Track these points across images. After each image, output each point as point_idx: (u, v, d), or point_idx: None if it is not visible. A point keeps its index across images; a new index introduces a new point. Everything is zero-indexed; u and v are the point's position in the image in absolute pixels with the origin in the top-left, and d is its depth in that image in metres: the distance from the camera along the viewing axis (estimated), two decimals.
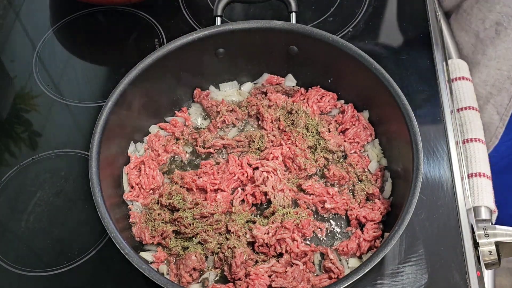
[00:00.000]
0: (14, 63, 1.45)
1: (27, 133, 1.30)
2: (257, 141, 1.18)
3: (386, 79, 1.11)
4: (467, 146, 1.30)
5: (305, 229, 1.07)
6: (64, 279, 1.08)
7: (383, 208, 1.10)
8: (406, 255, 1.06)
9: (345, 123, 1.22)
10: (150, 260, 1.07)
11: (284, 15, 1.26)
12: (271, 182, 1.11)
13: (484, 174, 1.26)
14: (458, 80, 1.42)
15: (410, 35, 1.40)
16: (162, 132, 1.24)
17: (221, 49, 1.24)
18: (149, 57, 1.16)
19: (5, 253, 1.12)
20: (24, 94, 1.37)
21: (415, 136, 1.03)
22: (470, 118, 1.35)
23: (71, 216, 1.16)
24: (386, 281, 1.04)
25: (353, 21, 1.44)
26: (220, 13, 1.24)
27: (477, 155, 1.29)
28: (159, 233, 1.08)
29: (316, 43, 1.19)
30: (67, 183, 1.21)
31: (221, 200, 1.10)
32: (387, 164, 1.17)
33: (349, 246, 1.06)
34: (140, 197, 1.14)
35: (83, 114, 1.32)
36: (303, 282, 1.01)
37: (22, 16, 1.54)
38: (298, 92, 1.28)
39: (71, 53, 1.46)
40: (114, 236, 0.96)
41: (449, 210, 1.11)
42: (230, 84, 1.31)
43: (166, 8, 1.51)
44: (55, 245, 1.12)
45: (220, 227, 1.08)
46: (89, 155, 1.04)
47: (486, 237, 1.10)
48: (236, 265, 1.01)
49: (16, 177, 1.22)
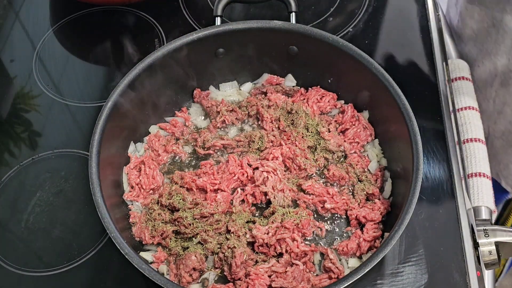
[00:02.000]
0: (14, 63, 1.44)
1: (27, 133, 1.30)
2: (257, 141, 1.18)
3: (386, 79, 1.11)
4: (467, 146, 1.30)
5: (305, 229, 1.07)
6: (64, 279, 1.08)
7: (383, 208, 1.10)
8: (406, 255, 1.06)
9: (345, 123, 1.22)
10: (150, 260, 1.07)
11: (284, 15, 1.26)
12: (271, 182, 1.11)
13: (484, 174, 1.26)
14: (458, 80, 1.42)
15: (410, 35, 1.40)
16: (162, 132, 1.24)
17: (221, 49, 1.24)
18: (149, 57, 1.16)
19: (5, 253, 1.12)
20: (24, 94, 1.37)
21: (415, 136, 1.03)
22: (470, 118, 1.35)
23: (71, 216, 1.16)
24: (386, 281, 1.04)
25: (353, 21, 1.44)
26: (220, 13, 1.24)
27: (477, 155, 1.29)
28: (159, 233, 1.08)
29: (316, 43, 1.19)
30: (67, 183, 1.20)
31: (221, 200, 1.10)
32: (387, 164, 1.17)
33: (349, 246, 1.06)
34: (140, 197, 1.14)
35: (83, 114, 1.32)
36: (303, 282, 1.01)
37: (22, 16, 1.54)
38: (298, 92, 1.28)
39: (71, 53, 1.46)
40: (114, 236, 0.96)
41: (449, 210, 1.11)
42: (230, 84, 1.31)
43: (166, 8, 1.51)
44: (55, 245, 1.12)
45: (220, 227, 1.08)
46: (89, 155, 1.04)
47: (486, 237, 1.10)
48: (236, 265, 1.01)
49: (16, 177, 1.22)
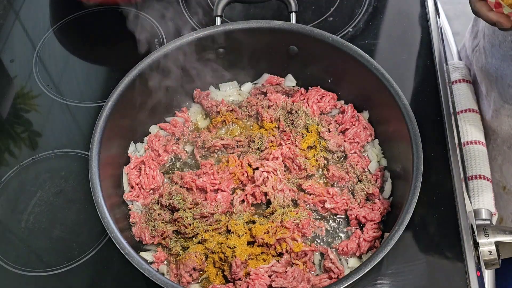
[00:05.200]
0: (14, 63, 1.44)
1: (27, 133, 1.30)
2: (257, 141, 1.18)
3: (386, 79, 1.11)
4: (467, 148, 1.30)
5: (305, 228, 1.07)
6: (64, 279, 1.08)
7: (383, 208, 1.10)
8: (406, 255, 1.06)
9: (345, 123, 1.22)
10: (150, 260, 1.06)
11: (284, 15, 1.26)
12: (271, 183, 1.11)
13: (484, 177, 1.26)
14: (458, 82, 1.42)
15: (410, 35, 1.40)
16: (162, 132, 1.24)
17: (221, 49, 1.24)
18: (149, 57, 1.16)
19: (5, 253, 1.12)
20: (24, 94, 1.37)
21: (415, 136, 1.03)
22: (470, 120, 1.35)
23: (71, 216, 1.16)
24: (386, 281, 1.04)
25: (353, 21, 1.44)
26: (220, 13, 1.24)
27: (477, 157, 1.29)
28: (159, 233, 1.08)
29: (316, 43, 1.19)
30: (67, 183, 1.20)
31: (221, 200, 1.10)
32: (387, 164, 1.17)
33: (349, 246, 1.06)
34: (140, 197, 1.14)
35: (83, 114, 1.32)
36: (303, 282, 1.01)
37: (22, 16, 1.54)
38: (298, 92, 1.28)
39: (71, 53, 1.46)
40: (114, 236, 0.96)
41: (449, 210, 1.11)
42: (230, 84, 1.31)
43: (166, 8, 1.51)
44: (55, 245, 1.12)
45: (220, 227, 1.08)
46: (89, 155, 1.04)
47: (486, 237, 1.10)
48: (236, 265, 1.01)
49: (16, 177, 1.22)
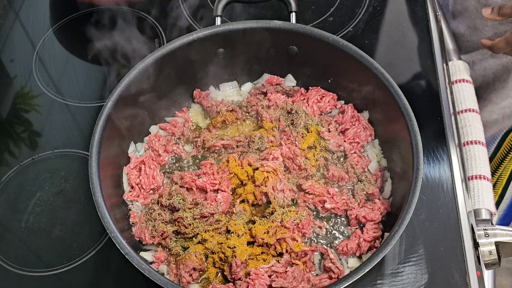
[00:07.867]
0: (14, 63, 1.45)
1: (27, 133, 1.30)
2: (257, 141, 1.18)
3: (386, 79, 1.11)
4: (467, 148, 1.30)
5: (305, 228, 1.07)
6: (64, 279, 1.08)
7: (383, 208, 1.10)
8: (406, 255, 1.06)
9: (345, 123, 1.22)
10: (150, 260, 1.07)
11: (284, 15, 1.26)
12: (271, 183, 1.11)
13: (484, 177, 1.26)
14: (458, 82, 1.42)
15: (410, 35, 1.40)
16: (162, 132, 1.24)
17: (221, 49, 1.24)
18: (149, 57, 1.16)
19: (5, 253, 1.12)
20: (24, 94, 1.37)
21: (415, 136, 1.03)
22: (471, 120, 1.35)
23: (71, 216, 1.16)
24: (386, 281, 1.04)
25: (353, 21, 1.44)
26: (220, 13, 1.24)
27: (478, 157, 1.29)
28: (159, 233, 1.08)
29: (316, 43, 1.19)
30: (67, 183, 1.21)
31: (221, 200, 1.10)
32: (387, 164, 1.17)
33: (349, 246, 1.06)
34: (140, 197, 1.14)
35: (83, 114, 1.32)
36: (303, 282, 1.01)
37: (22, 16, 1.54)
38: (298, 92, 1.28)
39: (71, 53, 1.46)
40: (114, 236, 0.96)
41: (449, 210, 1.11)
42: (230, 84, 1.31)
43: (166, 8, 1.51)
44: (55, 245, 1.12)
45: (220, 227, 1.08)
46: (89, 155, 1.04)
47: (486, 237, 1.10)
48: (236, 265, 1.01)
49: (16, 177, 1.22)
